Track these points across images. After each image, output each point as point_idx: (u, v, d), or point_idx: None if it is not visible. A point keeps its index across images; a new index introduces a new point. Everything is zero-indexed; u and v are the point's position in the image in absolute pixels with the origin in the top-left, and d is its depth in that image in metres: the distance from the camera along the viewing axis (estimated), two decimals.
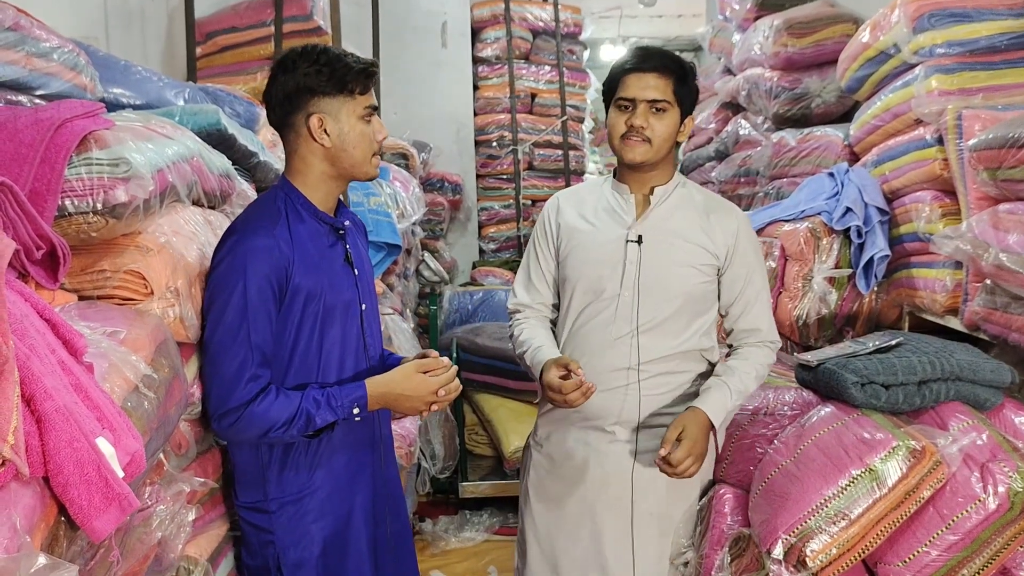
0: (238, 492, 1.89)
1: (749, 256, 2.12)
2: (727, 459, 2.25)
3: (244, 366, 1.73)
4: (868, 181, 2.84)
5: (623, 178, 2.15)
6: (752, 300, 2.13)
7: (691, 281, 2.08)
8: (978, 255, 2.09)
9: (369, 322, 1.95)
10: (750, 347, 2.15)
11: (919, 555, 1.82)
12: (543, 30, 6.43)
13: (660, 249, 2.08)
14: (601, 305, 2.10)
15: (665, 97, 2.03)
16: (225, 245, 1.77)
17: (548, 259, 2.22)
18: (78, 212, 1.54)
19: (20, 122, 1.50)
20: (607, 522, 2.13)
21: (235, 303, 1.72)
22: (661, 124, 2.03)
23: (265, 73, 3.97)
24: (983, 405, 2.05)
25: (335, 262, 1.86)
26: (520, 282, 2.27)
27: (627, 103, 2.05)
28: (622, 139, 2.06)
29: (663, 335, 2.08)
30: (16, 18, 1.76)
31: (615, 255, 2.09)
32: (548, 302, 2.25)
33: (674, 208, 2.12)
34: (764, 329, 2.14)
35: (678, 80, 2.04)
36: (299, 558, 1.85)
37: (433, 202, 5.71)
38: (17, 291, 1.09)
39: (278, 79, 1.80)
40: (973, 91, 2.45)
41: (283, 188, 1.85)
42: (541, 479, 2.23)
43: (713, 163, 4.88)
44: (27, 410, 0.94)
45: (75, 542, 1.04)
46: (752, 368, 2.11)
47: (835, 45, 3.53)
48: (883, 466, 1.83)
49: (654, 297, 2.06)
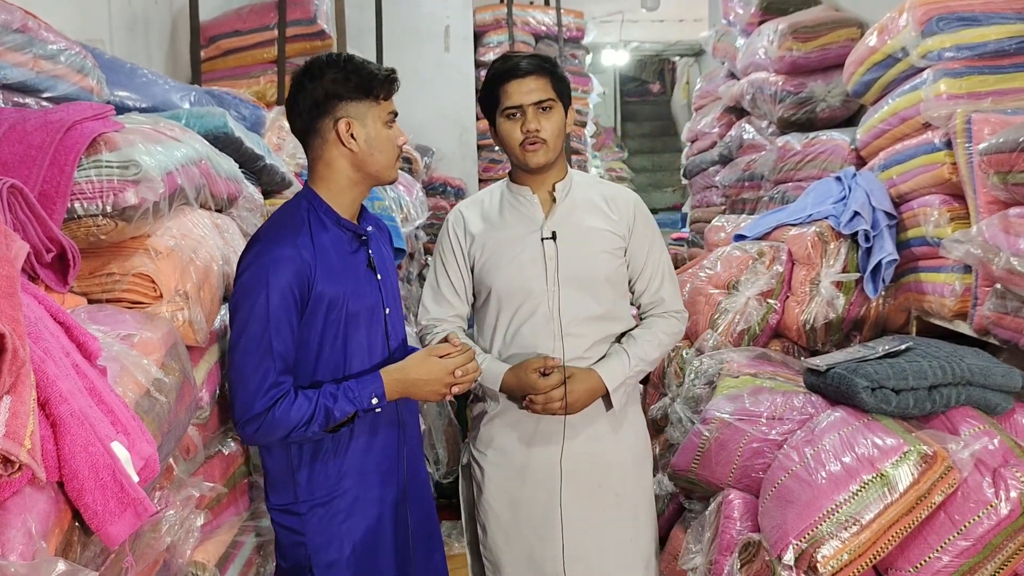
0: (269, 495, 1.91)
1: (647, 232, 2.23)
2: (735, 463, 2.24)
3: (266, 374, 1.75)
4: (876, 185, 2.83)
5: (521, 180, 2.20)
6: (653, 273, 2.23)
7: (609, 266, 2.17)
8: (988, 259, 2.08)
9: (393, 326, 1.97)
10: (655, 317, 2.25)
11: (931, 561, 1.80)
12: (545, 34, 6.43)
13: (575, 241, 2.15)
14: (531, 305, 2.15)
15: (548, 96, 2.09)
16: (249, 254, 1.80)
17: (458, 271, 2.25)
18: (88, 214, 1.53)
19: (29, 124, 1.50)
20: (571, 508, 2.18)
21: (258, 312, 1.74)
22: (551, 122, 2.10)
23: (268, 77, 4.01)
24: (994, 410, 2.04)
25: (358, 268, 1.89)
26: (429, 298, 2.29)
27: (514, 110, 2.10)
28: (521, 147, 2.11)
29: (595, 322, 2.16)
30: (24, 20, 1.76)
31: (534, 254, 2.15)
32: (461, 313, 2.28)
33: (577, 200, 2.19)
34: (667, 299, 2.25)
35: (554, 77, 2.11)
36: (331, 559, 1.87)
37: (436, 206, 5.70)
38: (31, 294, 1.09)
39: (305, 86, 1.82)
40: (982, 95, 2.44)
41: (307, 196, 1.88)
42: (499, 484, 2.24)
43: (717, 167, 4.88)
44: (42, 414, 0.94)
45: (88, 547, 1.03)
46: (654, 336, 2.21)
47: (840, 49, 3.52)
48: (894, 471, 1.82)
49: (578, 288, 2.14)
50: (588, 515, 2.19)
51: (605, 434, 2.21)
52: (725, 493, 2.19)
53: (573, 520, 2.18)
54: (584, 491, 2.19)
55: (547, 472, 2.18)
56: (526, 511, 2.21)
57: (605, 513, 2.21)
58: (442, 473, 3.91)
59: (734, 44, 4.58)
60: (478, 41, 6.37)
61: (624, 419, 2.24)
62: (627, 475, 2.25)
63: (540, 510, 2.19)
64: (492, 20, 6.30)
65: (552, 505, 2.18)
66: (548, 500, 2.19)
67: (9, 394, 0.85)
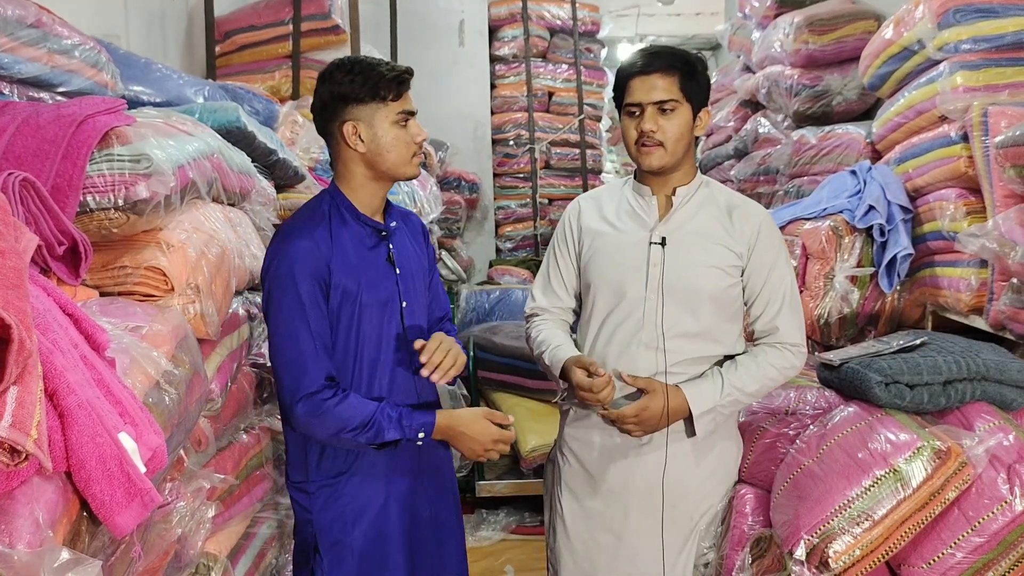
0: (288, 471, 1.99)
1: (768, 254, 2.05)
2: (748, 458, 2.23)
3: (308, 351, 1.83)
4: (891, 179, 2.80)
5: (644, 180, 2.11)
6: (771, 299, 2.05)
7: (717, 283, 2.03)
8: (1004, 253, 2.06)
9: (411, 318, 1.99)
10: (765, 346, 2.07)
11: (944, 557, 1.79)
12: (560, 28, 6.42)
13: (684, 250, 2.04)
14: (626, 309, 2.06)
15: (671, 96, 1.98)
16: (273, 244, 1.90)
17: (568, 263, 2.19)
18: (100, 208, 1.54)
19: (42, 118, 1.51)
20: (642, 529, 2.10)
21: (290, 299, 1.83)
22: (671, 124, 1.99)
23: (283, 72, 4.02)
24: (1010, 406, 2.01)
25: (376, 262, 1.94)
26: (539, 286, 2.25)
27: (635, 108, 2.02)
28: (636, 146, 2.03)
29: (691, 339, 2.04)
30: (39, 15, 1.77)
31: (638, 257, 2.05)
32: (567, 306, 2.22)
33: (697, 208, 2.08)
34: (782, 329, 2.05)
35: (684, 76, 2.00)
36: (334, 539, 1.93)
37: (450, 201, 5.70)
38: (40, 286, 1.09)
39: (318, 90, 1.91)
40: (999, 87, 2.41)
41: (331, 192, 1.96)
42: (573, 491, 2.18)
43: (732, 161, 4.85)
44: (50, 405, 0.94)
45: (97, 537, 1.04)
46: (757, 367, 2.04)
47: (856, 42, 3.49)
48: (908, 467, 1.81)
49: (679, 300, 2.02)
50: (650, 532, 2.10)
51: (688, 455, 2.07)
52: (737, 488, 2.18)
53: (651, 540, 2.09)
54: (651, 510, 2.08)
55: (624, 485, 2.09)
56: (595, 522, 2.14)
57: (673, 533, 2.10)
58: (455, 467, 3.91)
59: (750, 37, 4.55)
60: (493, 35, 6.36)
61: (712, 447, 2.10)
62: (702, 507, 2.12)
63: (609, 523, 2.12)
64: (507, 14, 6.29)
65: (626, 521, 2.10)
66: (621, 514, 2.11)
67: (16, 385, 0.85)
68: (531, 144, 6.30)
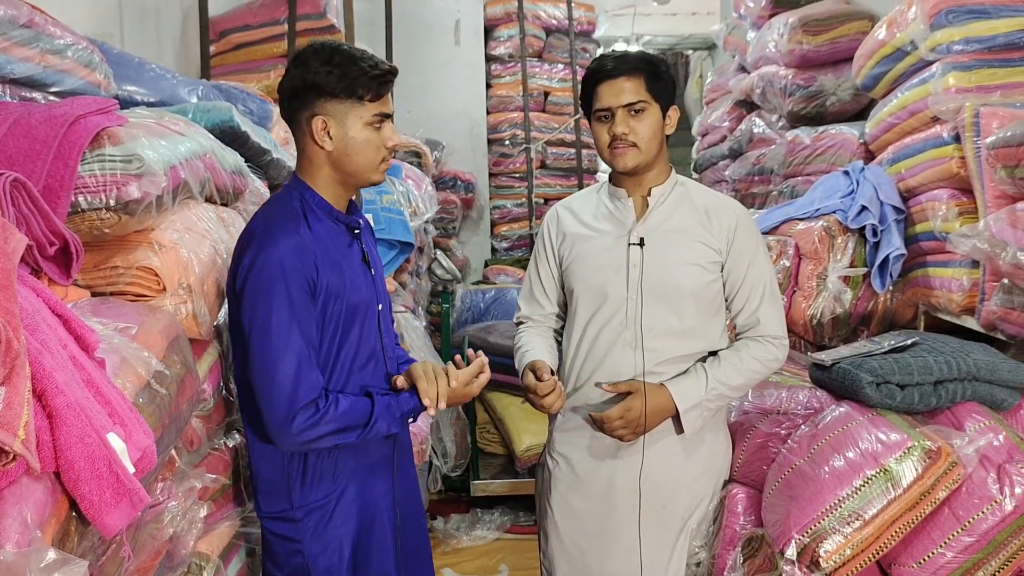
0: (260, 503, 1.85)
1: (747, 248, 2.08)
2: (740, 458, 2.24)
3: (304, 363, 1.70)
4: (884, 179, 2.81)
5: (619, 183, 2.13)
6: (751, 293, 2.07)
7: (697, 280, 2.05)
8: (995, 254, 2.07)
9: (385, 322, 1.94)
10: (747, 340, 2.09)
11: (934, 556, 1.80)
12: (556, 28, 6.42)
13: (663, 249, 2.05)
14: (609, 311, 2.07)
15: (640, 98, 2.01)
16: (250, 248, 1.73)
17: (548, 271, 2.21)
18: (91, 208, 1.54)
19: (34, 118, 1.51)
20: (627, 529, 2.11)
21: (280, 305, 1.69)
22: (643, 125, 2.01)
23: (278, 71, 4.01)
24: (1000, 406, 2.02)
25: (353, 261, 1.84)
26: (523, 295, 2.27)
27: (605, 113, 2.04)
28: (610, 149, 2.04)
29: (674, 337, 2.05)
30: (31, 15, 1.76)
31: (618, 259, 2.07)
32: (550, 313, 2.24)
33: (674, 207, 2.10)
34: (764, 322, 2.07)
35: (649, 76, 2.02)
36: (328, 564, 1.82)
37: (446, 200, 5.70)
38: (29, 286, 1.10)
39: (289, 72, 1.76)
40: (991, 88, 2.42)
41: (297, 188, 1.82)
42: (563, 495, 2.19)
43: (727, 161, 4.85)
44: (38, 405, 0.95)
45: (86, 538, 1.04)
46: (740, 360, 2.05)
47: (850, 43, 3.49)
48: (898, 466, 1.82)
49: (661, 299, 2.04)
50: (651, 536, 2.11)
51: (675, 454, 2.09)
52: (729, 487, 2.19)
53: (631, 540, 2.10)
54: (646, 511, 2.09)
55: (608, 487, 2.11)
56: (586, 525, 2.15)
57: (659, 533, 2.12)
58: (450, 466, 3.92)
59: (745, 38, 4.56)
60: (488, 35, 6.36)
61: (700, 444, 2.11)
62: (692, 505, 2.13)
63: (598, 526, 2.13)
64: (503, 14, 6.29)
65: (612, 522, 2.11)
66: (607, 516, 2.12)
67: (3, 385, 0.86)
68: (527, 144, 6.31)
